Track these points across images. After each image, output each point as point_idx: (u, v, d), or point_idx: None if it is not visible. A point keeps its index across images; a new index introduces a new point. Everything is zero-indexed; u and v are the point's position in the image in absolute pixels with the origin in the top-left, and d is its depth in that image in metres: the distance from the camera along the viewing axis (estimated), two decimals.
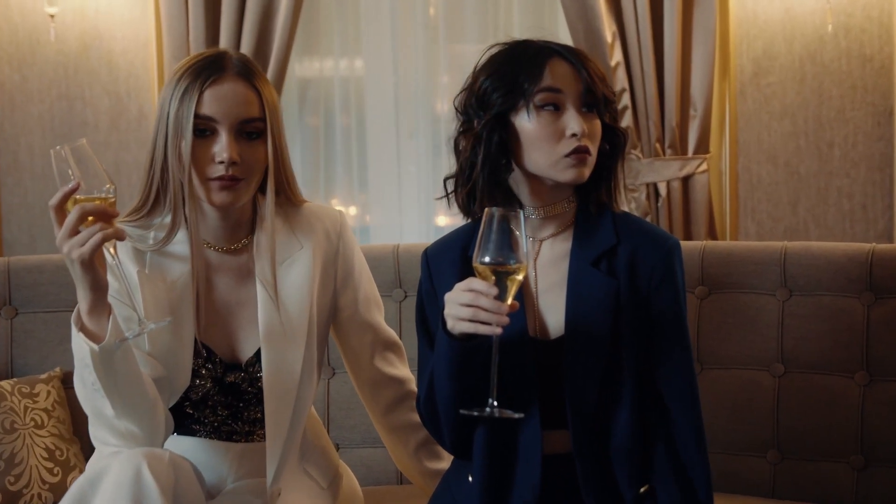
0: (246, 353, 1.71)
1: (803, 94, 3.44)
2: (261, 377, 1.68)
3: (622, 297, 1.56)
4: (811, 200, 3.48)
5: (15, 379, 2.09)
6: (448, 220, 3.70)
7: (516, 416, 1.47)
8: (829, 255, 2.14)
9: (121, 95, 3.46)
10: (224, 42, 3.35)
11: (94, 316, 1.48)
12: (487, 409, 1.46)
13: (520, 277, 1.44)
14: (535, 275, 1.61)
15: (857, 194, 3.46)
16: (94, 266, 1.45)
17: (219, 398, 1.71)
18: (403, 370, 1.86)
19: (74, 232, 1.43)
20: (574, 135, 1.53)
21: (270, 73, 3.35)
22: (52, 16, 3.35)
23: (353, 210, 3.72)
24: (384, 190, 3.65)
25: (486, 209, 1.44)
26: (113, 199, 1.47)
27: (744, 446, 2.13)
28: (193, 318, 1.66)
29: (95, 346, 1.48)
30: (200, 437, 1.72)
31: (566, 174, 1.55)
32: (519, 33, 3.60)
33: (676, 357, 1.57)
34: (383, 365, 1.82)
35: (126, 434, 1.57)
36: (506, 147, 1.57)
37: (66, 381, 2.11)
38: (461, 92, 1.64)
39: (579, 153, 1.54)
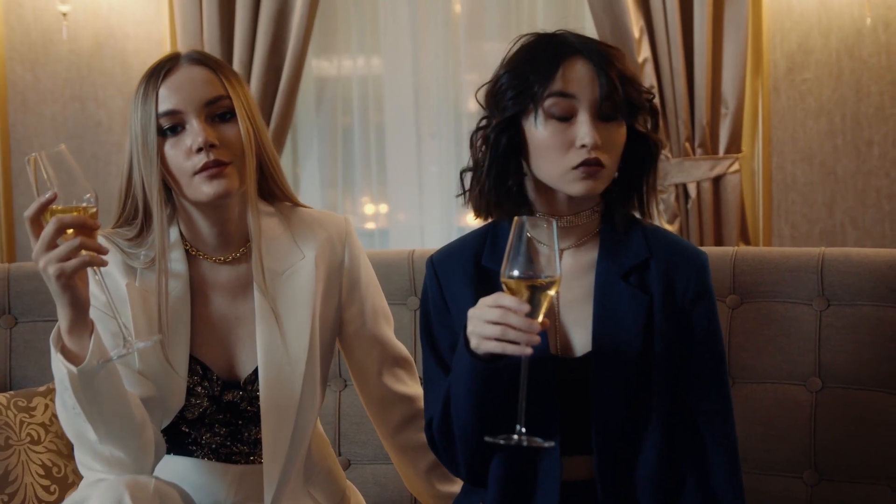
0: (245, 371, 1.61)
1: (840, 90, 3.30)
2: (259, 395, 1.59)
3: (656, 313, 1.45)
4: (848, 202, 3.34)
5: (11, 392, 2.01)
6: (480, 221, 3.60)
7: (546, 444, 1.35)
8: (870, 262, 2.02)
9: None
10: (239, 40, 3.27)
11: (74, 335, 1.39)
12: (515, 437, 1.34)
13: (552, 292, 1.32)
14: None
15: None
16: (73, 282, 1.36)
17: (217, 417, 1.61)
18: (414, 387, 1.75)
19: (52, 245, 1.34)
20: (584, 146, 1.42)
21: (286, 73, 3.28)
22: (64, 14, 3.29)
23: (383, 208, 3.62)
24: (404, 191, 3.56)
25: (516, 218, 1.33)
26: (94, 210, 1.38)
27: (778, 466, 2.01)
28: (188, 335, 1.56)
29: (74, 369, 1.39)
30: (198, 457, 1.63)
31: (574, 187, 1.44)
32: (543, 29, 3.49)
33: (711, 380, 1.47)
34: (392, 382, 1.71)
35: (111, 459, 1.48)
36: (517, 151, 1.48)
37: None
38: (484, 85, 1.55)
39: (588, 166, 1.42)
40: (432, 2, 3.47)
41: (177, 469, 1.60)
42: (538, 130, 1.45)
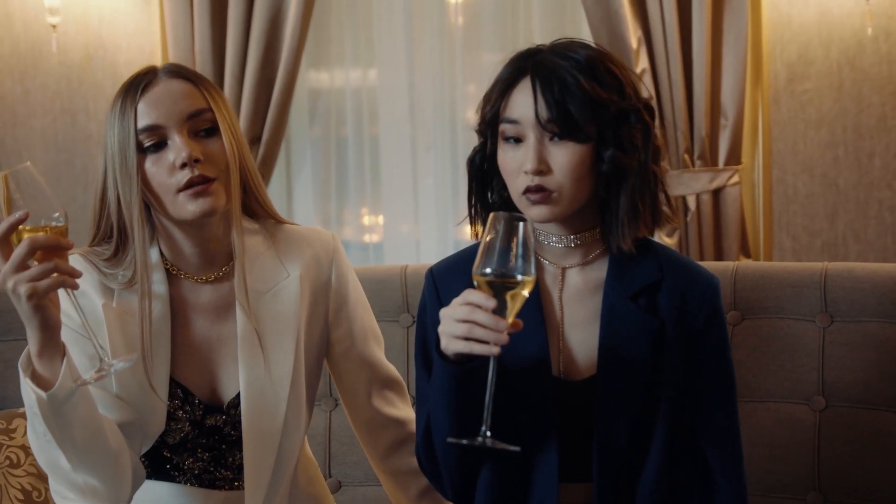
0: (228, 394, 1.55)
1: (841, 101, 3.25)
2: None
3: (667, 337, 1.40)
4: (850, 214, 3.29)
5: None
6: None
7: (511, 448, 1.29)
8: (875, 277, 1.96)
9: None
10: (231, 51, 3.23)
11: (44, 358, 1.33)
12: (479, 439, 1.28)
13: (525, 293, 1.27)
14: (561, 307, 1.45)
15: None
16: (44, 303, 1.30)
17: (199, 441, 1.55)
18: (405, 410, 1.69)
19: (23, 266, 1.29)
20: (526, 171, 1.37)
21: (279, 84, 3.23)
22: (54, 26, 3.24)
23: (377, 220, 3.56)
24: (399, 205, 3.51)
25: (492, 213, 1.28)
26: (63, 227, 1.33)
27: (781, 487, 1.96)
28: (168, 357, 1.50)
29: (44, 394, 1.33)
30: (179, 483, 1.57)
31: (528, 213, 1.38)
32: (540, 40, 3.44)
33: (720, 409, 1.42)
34: (382, 405, 1.65)
35: (85, 489, 1.42)
36: (493, 170, 1.45)
37: None
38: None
39: (529, 192, 1.37)
40: (428, 12, 3.43)
41: (158, 495, 1.55)
42: (499, 153, 1.43)
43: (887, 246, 3.28)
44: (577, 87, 1.34)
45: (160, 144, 1.48)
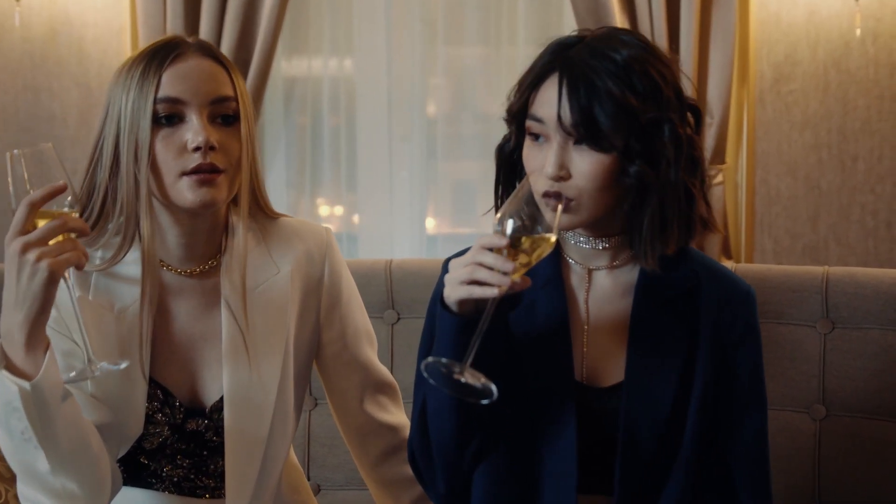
0: (210, 397, 1.45)
1: (827, 103, 3.21)
2: None
3: (699, 348, 1.32)
4: (832, 217, 3.26)
5: None
6: (439, 228, 3.47)
7: (484, 384, 1.18)
8: (877, 282, 1.91)
9: (91, 87, 3.19)
10: (204, 33, 3.10)
11: (30, 349, 1.23)
12: (458, 367, 1.18)
13: (539, 251, 1.20)
14: (587, 310, 1.37)
15: (882, 211, 3.24)
16: (56, 282, 1.22)
17: (178, 446, 1.44)
18: (398, 416, 1.59)
19: (45, 242, 1.21)
20: (547, 175, 1.28)
21: (254, 69, 3.12)
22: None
23: (338, 210, 3.48)
24: (374, 195, 3.42)
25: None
26: (76, 215, 1.27)
27: (780, 498, 1.87)
28: (146, 355, 1.39)
29: (27, 384, 1.22)
30: (158, 490, 1.46)
31: (547, 216, 1.27)
32: (524, 33, 3.38)
33: (751, 427, 1.36)
34: (374, 410, 1.55)
35: (63, 494, 1.30)
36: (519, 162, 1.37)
37: None
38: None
39: (548, 196, 1.27)
40: (409, 2, 3.33)
41: (136, 503, 1.44)
42: (524, 148, 1.34)
43: (868, 250, 3.26)
44: (606, 93, 1.25)
45: (175, 119, 1.37)
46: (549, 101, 1.28)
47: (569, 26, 3.28)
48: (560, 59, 1.30)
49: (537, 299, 1.34)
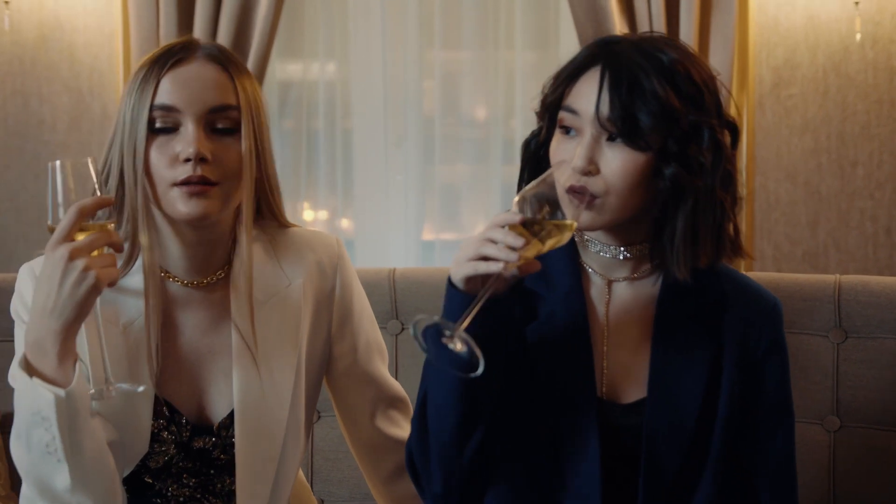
0: (218, 414, 1.40)
1: (826, 107, 3.20)
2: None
3: (725, 364, 1.29)
4: (832, 223, 3.24)
5: None
6: (436, 233, 3.44)
7: (480, 359, 1.11)
8: (891, 291, 1.88)
9: (82, 93, 3.14)
10: (198, 37, 3.05)
11: (62, 360, 1.21)
12: (448, 333, 1.12)
13: (555, 239, 1.16)
14: (607, 323, 1.32)
15: (882, 217, 3.22)
16: (98, 295, 1.22)
17: (184, 465, 1.40)
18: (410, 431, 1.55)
19: (90, 252, 1.21)
20: (574, 168, 1.24)
21: None
22: (6, 2, 3.03)
23: (351, 216, 3.43)
24: (370, 201, 3.38)
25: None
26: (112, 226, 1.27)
27: None
28: (154, 370, 1.35)
29: (62, 392, 1.20)
30: None
31: (568, 213, 1.23)
32: (522, 37, 3.34)
33: (778, 444, 1.33)
34: (386, 425, 1.51)
35: None
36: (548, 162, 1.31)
37: (5, 425, 1.79)
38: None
39: (573, 191, 1.23)
40: (405, 5, 3.29)
41: None
42: (552, 141, 1.30)
43: (868, 256, 3.24)
44: (650, 90, 1.21)
45: (172, 129, 1.33)
46: (588, 94, 1.25)
47: (566, 31, 3.25)
48: (604, 52, 1.26)
49: (556, 310, 1.30)
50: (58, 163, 1.25)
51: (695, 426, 1.28)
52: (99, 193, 1.24)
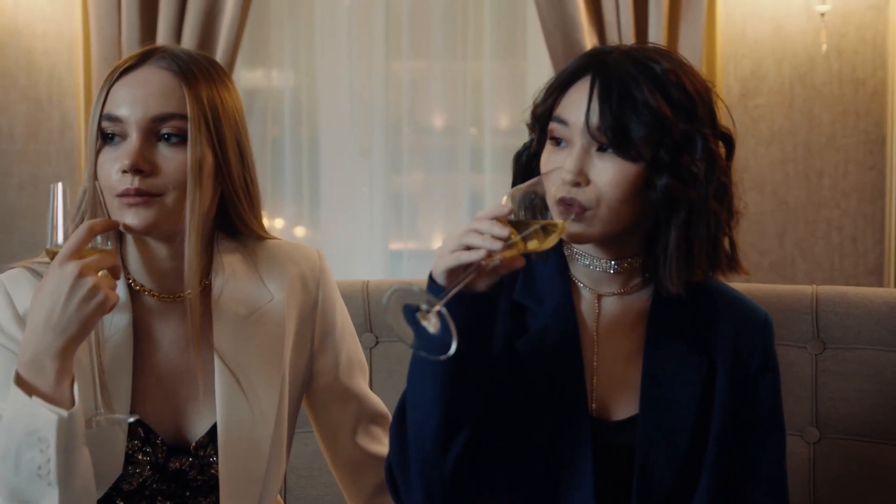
0: (196, 434, 1.35)
1: (792, 118, 3.22)
2: (214, 462, 1.32)
3: (717, 381, 1.27)
4: (799, 233, 3.26)
5: None
6: (404, 244, 3.40)
7: (453, 341, 1.06)
8: (868, 302, 1.88)
9: (41, 101, 3.06)
10: (162, 43, 2.99)
11: (60, 379, 1.19)
12: (425, 306, 1.07)
13: (540, 241, 1.13)
14: (597, 338, 1.30)
15: (848, 227, 3.24)
16: (104, 314, 1.20)
17: (159, 487, 1.34)
18: None
19: (97, 271, 1.19)
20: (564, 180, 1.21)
21: None
22: None
23: (300, 231, 3.39)
24: (336, 210, 3.33)
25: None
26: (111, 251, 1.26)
27: None
28: (129, 389, 1.30)
29: (65, 413, 1.17)
30: None
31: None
32: (491, 45, 3.33)
33: (770, 459, 1.31)
34: (367, 442, 1.47)
35: None
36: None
37: None
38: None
39: (563, 203, 1.20)
40: (372, 14, 3.25)
41: None
42: (543, 152, 1.28)
43: (834, 266, 3.26)
44: (641, 100, 1.19)
45: (117, 138, 1.29)
46: (577, 104, 1.22)
47: (534, 42, 3.24)
48: (595, 62, 1.24)
49: (548, 326, 1.27)
50: (59, 185, 1.24)
51: (688, 444, 1.26)
52: (76, 211, 1.22)
